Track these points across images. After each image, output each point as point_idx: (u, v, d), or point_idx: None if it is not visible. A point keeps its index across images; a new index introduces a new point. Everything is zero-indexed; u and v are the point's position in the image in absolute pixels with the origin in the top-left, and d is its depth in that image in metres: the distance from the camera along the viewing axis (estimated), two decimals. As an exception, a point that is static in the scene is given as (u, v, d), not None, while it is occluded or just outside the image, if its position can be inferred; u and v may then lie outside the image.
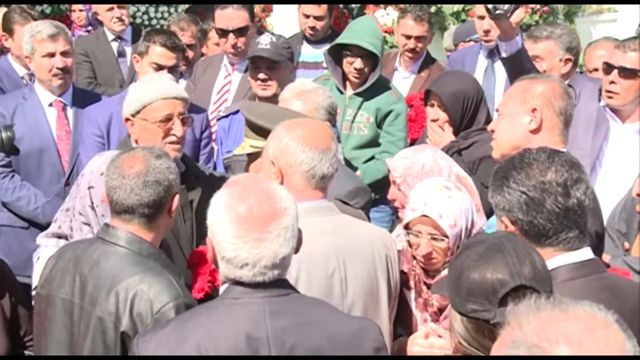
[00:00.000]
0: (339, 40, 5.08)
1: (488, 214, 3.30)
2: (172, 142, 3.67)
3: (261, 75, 4.72)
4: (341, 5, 9.45)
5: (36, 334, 3.03)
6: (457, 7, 10.03)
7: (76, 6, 7.72)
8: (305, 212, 2.39)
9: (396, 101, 5.07)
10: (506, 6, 4.02)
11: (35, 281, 3.31)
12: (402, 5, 9.91)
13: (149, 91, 3.70)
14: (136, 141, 3.68)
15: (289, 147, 2.88)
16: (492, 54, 5.55)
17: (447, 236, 3.04)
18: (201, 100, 5.25)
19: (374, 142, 5.05)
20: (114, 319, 2.70)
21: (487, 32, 5.62)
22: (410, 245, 3.15)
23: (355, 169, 4.80)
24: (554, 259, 2.51)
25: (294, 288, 2.40)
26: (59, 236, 3.55)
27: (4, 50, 6.37)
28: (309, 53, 6.19)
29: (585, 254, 2.59)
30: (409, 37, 6.14)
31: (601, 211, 3.47)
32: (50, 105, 4.95)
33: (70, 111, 4.97)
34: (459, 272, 2.25)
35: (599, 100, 4.62)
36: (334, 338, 2.31)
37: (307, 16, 6.13)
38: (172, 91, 3.74)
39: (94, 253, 2.85)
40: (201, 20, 6.80)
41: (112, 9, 6.66)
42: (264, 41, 4.75)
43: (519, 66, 4.09)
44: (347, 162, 4.64)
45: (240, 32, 5.40)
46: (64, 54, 4.86)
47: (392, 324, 3.14)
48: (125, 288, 2.71)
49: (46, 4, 8.56)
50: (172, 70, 4.62)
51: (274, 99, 4.56)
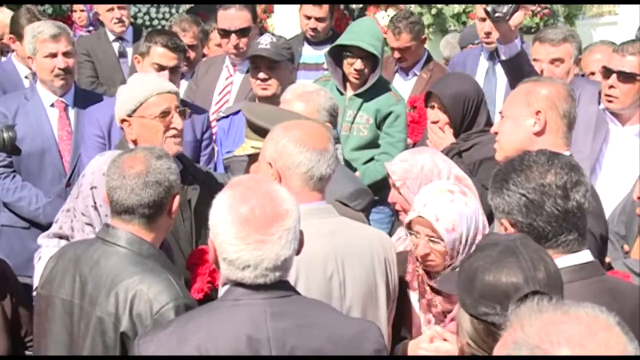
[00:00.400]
0: (340, 41, 5.08)
1: (488, 215, 3.30)
2: (174, 136, 3.67)
3: (261, 75, 4.71)
4: (342, 7, 9.46)
5: (36, 334, 3.03)
6: (457, 9, 10.03)
7: (77, 6, 7.71)
8: (303, 214, 2.39)
9: (396, 102, 5.06)
10: (505, 9, 4.01)
11: (36, 281, 3.31)
12: (402, 6, 9.94)
13: (141, 89, 3.69)
14: (134, 141, 3.66)
15: (286, 149, 2.87)
16: (493, 56, 5.56)
17: (443, 239, 3.04)
18: (203, 101, 5.26)
19: (373, 144, 5.05)
20: (113, 319, 2.70)
21: (488, 34, 5.63)
22: (413, 245, 3.16)
23: (354, 170, 4.80)
24: (554, 262, 2.51)
25: (295, 290, 2.41)
26: (60, 236, 3.55)
27: (4, 50, 6.37)
28: (310, 54, 6.18)
29: (585, 256, 2.59)
30: (392, 49, 6.16)
31: (604, 214, 3.47)
32: (52, 105, 4.95)
33: (72, 111, 4.97)
34: (472, 273, 2.22)
35: (599, 103, 4.60)
36: (334, 340, 2.31)
37: (309, 17, 6.12)
38: (164, 86, 3.75)
39: (94, 253, 2.84)
40: (203, 21, 6.79)
41: (112, 9, 6.64)
42: (264, 41, 4.75)
43: (518, 69, 4.09)
44: (346, 163, 4.63)
45: (242, 32, 5.39)
46: (65, 54, 4.85)
47: (390, 326, 3.13)
48: (125, 288, 2.71)
49: (47, 4, 8.56)
50: (173, 70, 4.61)
51: (273, 98, 4.56)
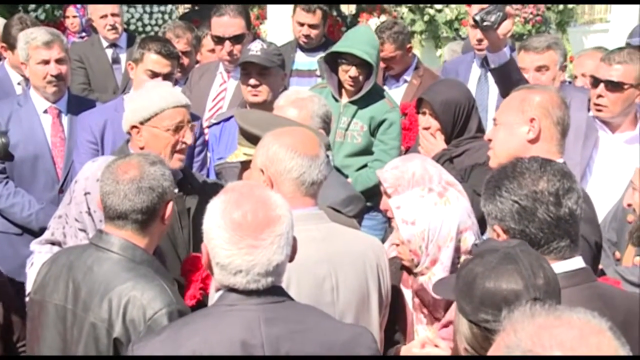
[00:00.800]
0: (335, 48, 5.09)
1: (479, 221, 3.31)
2: (181, 151, 3.66)
3: (252, 81, 4.71)
4: (335, 14, 9.47)
5: (29, 340, 3.03)
6: (450, 16, 10.08)
7: (70, 12, 7.69)
8: (296, 220, 2.39)
9: (390, 110, 5.08)
10: (493, 18, 4.03)
11: (28, 287, 3.31)
12: (395, 13, 9.97)
13: (158, 99, 3.66)
14: (141, 149, 3.62)
15: (277, 155, 2.88)
16: (486, 63, 5.57)
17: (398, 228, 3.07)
18: (196, 108, 5.25)
19: (367, 150, 5.06)
20: (106, 325, 2.70)
21: (480, 40, 5.64)
22: None
23: (347, 177, 4.80)
24: (546, 268, 2.52)
25: (289, 295, 2.41)
26: (52, 243, 3.54)
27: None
28: (303, 61, 6.19)
29: (577, 263, 2.60)
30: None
31: (598, 222, 3.47)
32: (45, 111, 4.94)
33: (65, 118, 4.97)
34: (471, 280, 2.22)
35: (589, 110, 4.60)
36: (328, 345, 2.32)
37: (301, 24, 6.12)
38: (181, 99, 3.73)
39: (87, 259, 2.85)
40: (196, 27, 6.80)
41: (105, 16, 6.63)
42: (254, 47, 4.75)
43: (507, 77, 4.10)
44: (339, 170, 4.64)
45: (236, 39, 5.39)
46: (58, 61, 4.85)
47: (383, 332, 3.13)
48: (118, 294, 2.71)
49: (40, 10, 8.54)
50: (166, 77, 4.59)
51: (264, 105, 4.57)
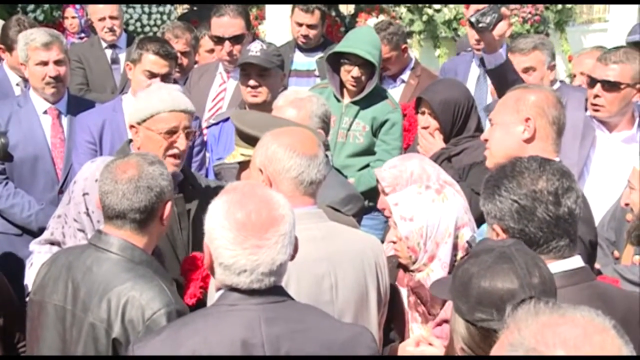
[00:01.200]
0: (337, 48, 5.08)
1: (478, 220, 3.32)
2: (173, 156, 3.60)
3: (251, 82, 4.72)
4: (334, 14, 9.47)
5: (29, 340, 3.03)
6: (448, 16, 10.07)
7: (69, 13, 7.69)
8: (295, 218, 2.40)
9: (392, 110, 5.08)
10: (488, 19, 4.03)
11: (28, 287, 3.31)
12: (393, 13, 9.97)
13: (156, 101, 3.62)
14: (138, 149, 3.62)
15: (276, 155, 2.89)
16: (482, 63, 5.57)
17: (396, 225, 3.08)
18: (196, 108, 5.21)
19: (369, 151, 5.06)
20: (105, 325, 2.71)
21: (479, 40, 5.63)
22: None
23: (347, 177, 4.80)
24: (545, 267, 2.52)
25: (289, 295, 2.41)
26: (52, 243, 3.55)
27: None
28: (302, 61, 6.20)
29: (576, 262, 2.61)
30: None
31: (594, 220, 3.49)
32: (45, 112, 4.95)
33: (64, 119, 4.97)
34: (467, 279, 2.22)
35: (586, 110, 4.61)
36: (328, 345, 2.33)
37: (300, 24, 6.13)
38: (180, 104, 3.66)
39: (86, 259, 2.85)
40: (194, 28, 6.79)
41: (103, 19, 6.63)
42: (254, 48, 4.75)
43: (504, 78, 4.09)
44: (341, 170, 4.63)
45: (236, 39, 5.40)
46: (57, 62, 4.84)
47: (381, 330, 3.14)
48: (117, 295, 2.71)
49: (39, 11, 8.53)
50: (164, 78, 4.60)
51: (264, 105, 4.57)
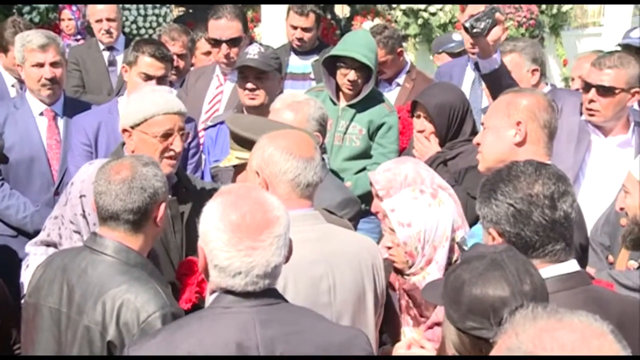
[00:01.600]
0: (333, 52, 5.07)
1: (473, 223, 3.32)
2: (170, 157, 3.60)
3: (249, 85, 4.71)
4: (329, 17, 9.48)
5: (23, 343, 3.03)
6: (444, 19, 10.10)
7: (65, 15, 7.68)
8: (292, 221, 2.40)
9: (389, 113, 5.07)
10: (482, 25, 4.03)
11: (23, 289, 3.31)
12: (389, 17, 9.98)
13: (149, 104, 3.60)
14: (132, 152, 3.59)
15: (273, 157, 2.90)
16: (477, 68, 5.58)
17: (394, 230, 3.08)
18: (192, 110, 5.25)
19: (365, 154, 5.04)
20: (100, 328, 2.70)
21: (473, 44, 5.65)
22: None
23: (346, 180, 4.80)
24: (540, 271, 2.48)
25: (283, 297, 2.41)
26: (48, 244, 3.55)
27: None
28: (297, 64, 6.20)
29: (571, 266, 2.61)
30: None
31: (585, 224, 3.50)
32: (41, 114, 4.95)
33: (61, 120, 4.97)
34: (458, 286, 2.21)
35: (581, 114, 4.61)
36: (323, 347, 2.33)
37: (295, 27, 6.12)
38: (174, 106, 3.65)
39: (81, 262, 2.85)
40: (190, 30, 6.79)
41: (100, 21, 6.62)
42: (252, 51, 4.75)
43: (498, 82, 4.10)
44: (337, 174, 4.64)
45: (233, 42, 5.39)
46: (53, 64, 4.85)
47: (378, 331, 3.16)
48: (112, 297, 2.71)
49: (34, 13, 8.52)
50: (160, 80, 4.61)
51: (261, 108, 4.57)
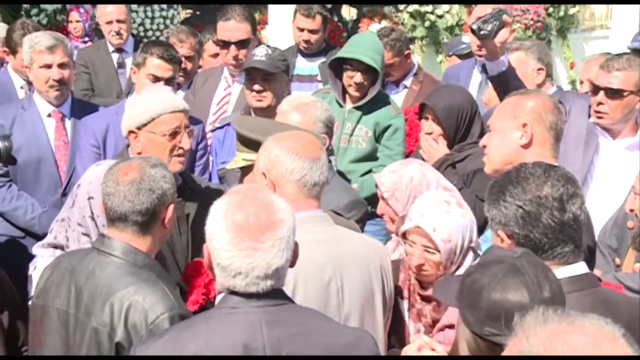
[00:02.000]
0: (340, 54, 5.07)
1: (481, 226, 3.32)
2: (179, 155, 3.64)
3: (256, 87, 4.71)
4: (336, 19, 9.47)
5: (31, 344, 3.03)
6: (450, 21, 10.09)
7: (73, 17, 7.69)
8: (301, 222, 2.40)
9: (395, 116, 5.06)
10: (490, 27, 4.02)
11: (31, 291, 3.31)
12: (396, 19, 9.98)
13: (155, 104, 3.64)
14: (138, 154, 3.61)
15: (279, 158, 2.91)
16: (484, 70, 5.57)
17: (439, 250, 3.07)
18: (200, 112, 5.26)
19: (371, 156, 5.03)
20: (108, 329, 2.70)
21: (480, 47, 5.65)
22: (406, 254, 3.18)
23: (352, 182, 4.80)
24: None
25: (290, 298, 2.41)
26: (55, 246, 3.54)
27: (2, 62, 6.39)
28: (304, 66, 6.20)
29: (580, 268, 2.60)
30: None
31: (592, 226, 3.49)
32: (49, 115, 4.95)
33: (68, 122, 4.98)
34: (477, 291, 2.17)
35: (589, 116, 4.61)
36: (329, 348, 2.32)
37: (302, 29, 6.13)
38: (178, 104, 3.70)
39: (89, 263, 2.85)
40: (198, 32, 6.80)
41: (110, 22, 6.63)
42: (259, 53, 4.75)
43: (506, 84, 4.09)
44: (343, 175, 4.63)
45: (241, 44, 5.39)
46: (61, 65, 4.85)
47: (386, 334, 3.15)
48: (120, 299, 2.71)
49: (42, 15, 8.55)
50: (168, 82, 4.61)
51: (268, 110, 4.57)
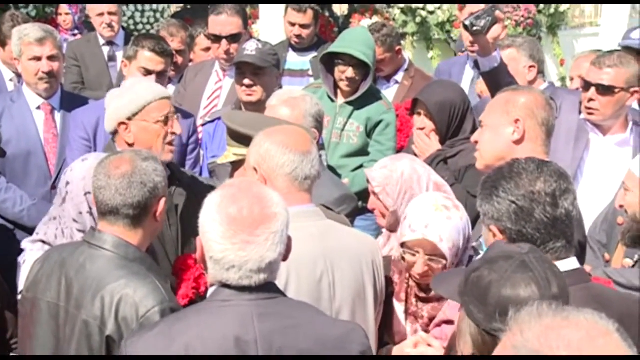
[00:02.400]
0: (331, 48, 5.06)
1: (473, 222, 3.32)
2: (170, 143, 3.67)
3: (246, 81, 4.71)
4: (327, 14, 9.46)
5: (21, 337, 3.03)
6: (442, 18, 10.08)
7: (62, 10, 7.66)
8: (293, 216, 2.40)
9: (386, 111, 5.05)
10: (482, 23, 4.03)
11: (20, 284, 3.30)
12: (387, 15, 9.97)
13: (144, 92, 3.67)
14: (131, 145, 3.62)
15: (270, 152, 2.92)
16: (477, 66, 5.58)
17: (446, 258, 3.06)
18: (191, 105, 5.25)
19: (362, 151, 5.04)
20: (99, 322, 2.70)
21: (473, 43, 5.65)
22: (403, 259, 3.16)
23: (343, 177, 4.80)
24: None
25: (282, 292, 2.41)
26: (44, 242, 3.53)
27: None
28: (295, 61, 6.19)
29: (572, 263, 2.61)
30: None
31: (583, 222, 3.50)
32: (38, 108, 4.94)
33: (58, 114, 4.97)
34: (485, 286, 2.13)
35: (580, 113, 4.62)
36: (321, 341, 2.33)
37: (293, 24, 6.12)
38: (164, 92, 3.77)
39: (80, 257, 2.84)
40: (189, 26, 6.78)
41: (102, 14, 6.62)
42: (250, 47, 4.74)
43: (498, 81, 4.11)
44: (334, 170, 4.64)
45: (233, 38, 5.39)
46: (50, 58, 4.84)
47: (378, 328, 3.15)
48: (111, 292, 2.71)
49: (31, 7, 8.50)
50: (160, 75, 4.62)
51: (258, 104, 4.57)
